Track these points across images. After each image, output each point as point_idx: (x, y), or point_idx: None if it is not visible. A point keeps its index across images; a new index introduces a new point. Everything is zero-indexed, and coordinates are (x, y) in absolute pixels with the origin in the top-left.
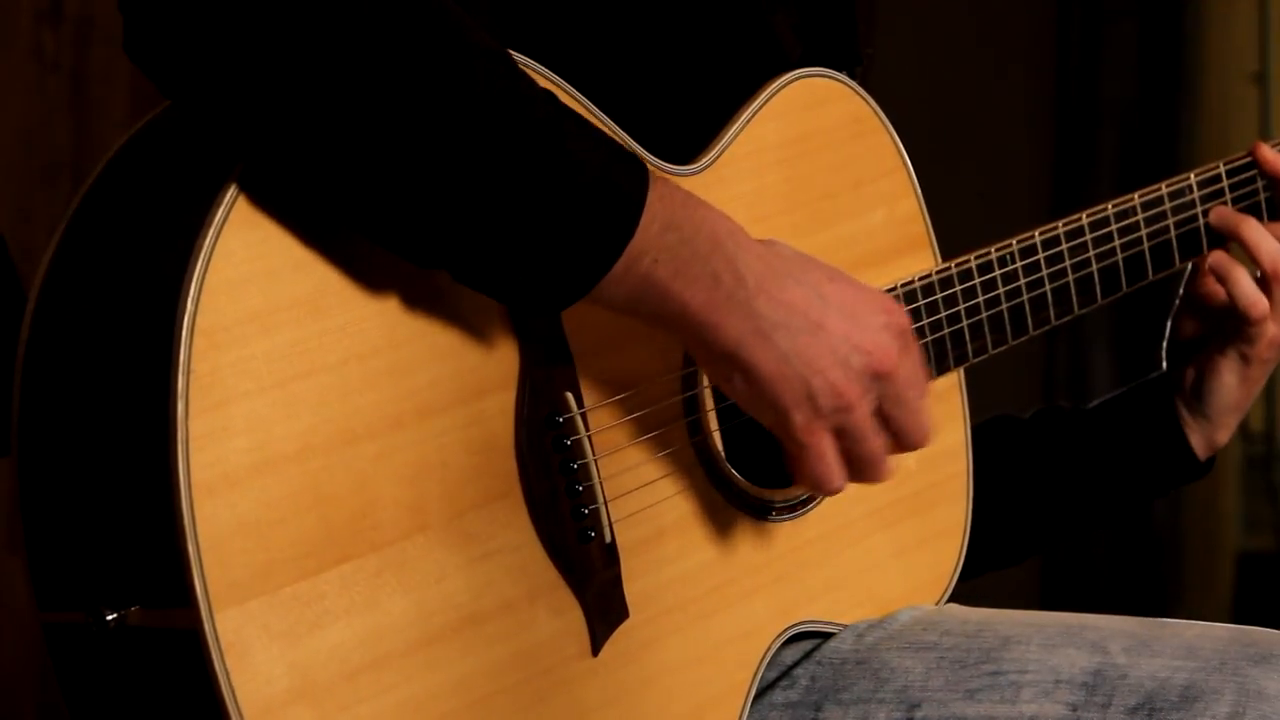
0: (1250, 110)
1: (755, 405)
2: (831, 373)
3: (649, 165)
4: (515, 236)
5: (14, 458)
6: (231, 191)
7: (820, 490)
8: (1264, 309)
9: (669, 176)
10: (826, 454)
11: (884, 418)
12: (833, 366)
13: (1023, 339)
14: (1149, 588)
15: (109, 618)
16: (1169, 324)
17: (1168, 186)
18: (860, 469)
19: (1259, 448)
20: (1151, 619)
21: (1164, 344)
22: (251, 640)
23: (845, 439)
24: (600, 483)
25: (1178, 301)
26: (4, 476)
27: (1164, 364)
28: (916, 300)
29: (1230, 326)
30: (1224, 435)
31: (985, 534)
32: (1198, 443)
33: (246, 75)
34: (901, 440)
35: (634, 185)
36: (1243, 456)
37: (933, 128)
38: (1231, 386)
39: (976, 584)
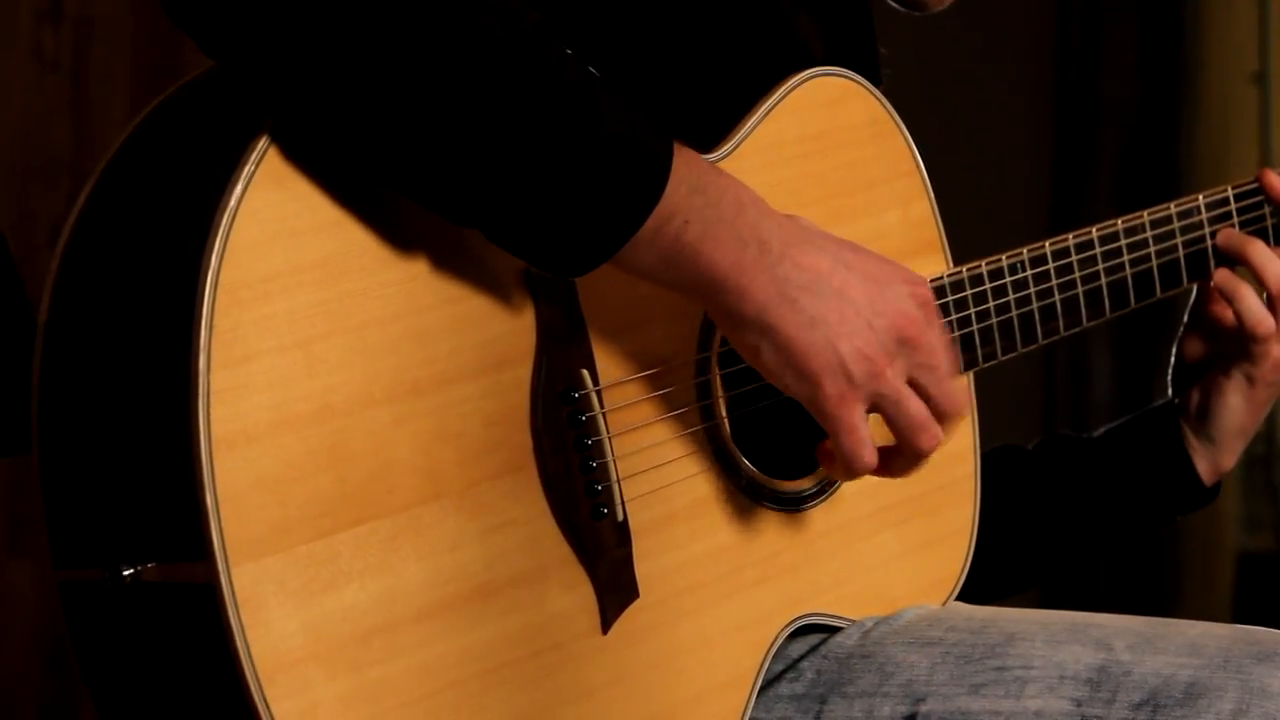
0: (1250, 110)
1: (785, 375)
2: (858, 337)
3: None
4: (546, 193)
5: (33, 413)
6: (258, 150)
7: (851, 466)
8: (1270, 327)
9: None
10: (859, 428)
11: (915, 385)
12: (859, 331)
13: (1031, 348)
14: (1149, 588)
15: (125, 573)
16: (1174, 349)
17: (1176, 206)
18: (907, 435)
19: (1259, 448)
20: (1155, 618)
21: (1170, 370)
22: (267, 596)
23: (883, 406)
24: (614, 461)
25: (1183, 325)
26: (3, 478)
27: (1170, 390)
28: None
29: (1236, 347)
30: (1229, 459)
31: (991, 563)
32: (1204, 468)
33: (284, 28)
34: (935, 407)
35: (661, 148)
36: (1243, 456)
37: (932, 127)
38: (1237, 409)
39: None
